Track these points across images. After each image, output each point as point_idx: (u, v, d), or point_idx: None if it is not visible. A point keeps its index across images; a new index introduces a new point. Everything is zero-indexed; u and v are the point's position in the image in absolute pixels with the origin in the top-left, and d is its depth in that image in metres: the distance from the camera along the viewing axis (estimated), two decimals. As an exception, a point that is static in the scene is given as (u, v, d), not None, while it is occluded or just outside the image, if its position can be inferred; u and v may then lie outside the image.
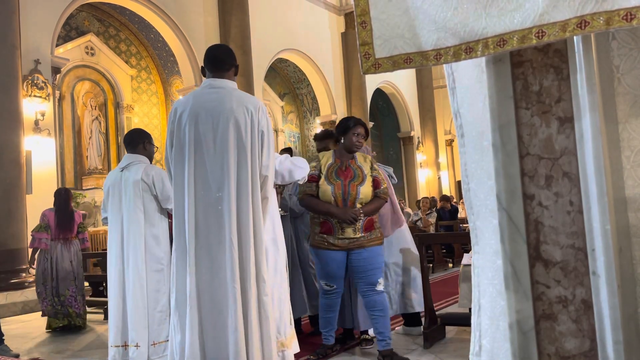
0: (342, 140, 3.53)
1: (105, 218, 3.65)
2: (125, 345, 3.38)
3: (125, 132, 10.62)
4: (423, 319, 3.91)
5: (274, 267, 3.03)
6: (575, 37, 1.31)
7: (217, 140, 2.55)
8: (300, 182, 3.37)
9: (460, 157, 1.63)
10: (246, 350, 2.47)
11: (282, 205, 3.97)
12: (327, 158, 3.56)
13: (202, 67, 2.77)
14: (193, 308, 2.49)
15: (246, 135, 2.56)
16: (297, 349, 3.10)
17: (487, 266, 1.49)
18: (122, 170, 3.58)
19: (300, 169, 3.25)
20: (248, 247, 2.52)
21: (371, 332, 3.74)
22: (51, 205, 5.52)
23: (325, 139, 4.05)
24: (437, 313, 4.00)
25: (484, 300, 1.51)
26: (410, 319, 4.09)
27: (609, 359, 1.27)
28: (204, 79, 2.77)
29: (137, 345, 3.34)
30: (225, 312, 2.47)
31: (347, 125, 3.52)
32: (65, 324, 5.35)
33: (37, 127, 8.19)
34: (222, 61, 2.71)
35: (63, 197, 5.45)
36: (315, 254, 3.55)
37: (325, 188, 3.43)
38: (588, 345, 1.33)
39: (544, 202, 1.38)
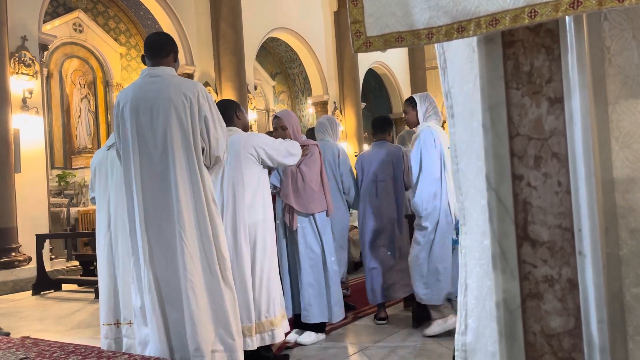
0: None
1: (93, 198, 3.62)
2: (117, 323, 3.40)
3: (115, 111, 10.52)
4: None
5: (263, 247, 3.03)
6: (567, 17, 1.30)
7: (158, 131, 2.54)
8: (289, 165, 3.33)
9: (450, 137, 1.62)
10: (224, 326, 2.50)
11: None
12: None
13: (142, 55, 2.74)
14: (154, 298, 2.51)
15: (187, 123, 2.54)
16: (287, 328, 3.13)
17: (474, 246, 1.50)
18: (108, 149, 3.54)
19: (292, 157, 3.21)
20: (207, 232, 2.54)
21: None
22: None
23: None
24: (426, 293, 4.03)
25: (470, 280, 1.52)
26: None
27: (592, 336, 1.29)
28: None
29: (129, 323, 3.35)
30: (179, 302, 2.49)
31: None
32: None
33: (24, 105, 8.06)
34: (159, 47, 2.66)
35: None
36: None
37: None
38: (573, 324, 1.35)
39: (533, 183, 1.39)
